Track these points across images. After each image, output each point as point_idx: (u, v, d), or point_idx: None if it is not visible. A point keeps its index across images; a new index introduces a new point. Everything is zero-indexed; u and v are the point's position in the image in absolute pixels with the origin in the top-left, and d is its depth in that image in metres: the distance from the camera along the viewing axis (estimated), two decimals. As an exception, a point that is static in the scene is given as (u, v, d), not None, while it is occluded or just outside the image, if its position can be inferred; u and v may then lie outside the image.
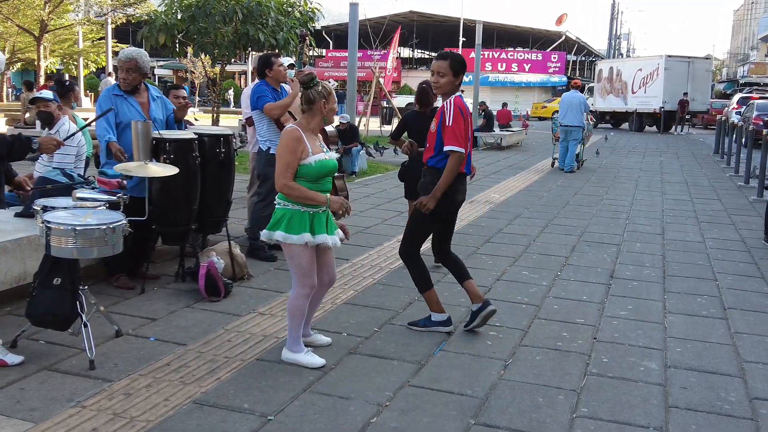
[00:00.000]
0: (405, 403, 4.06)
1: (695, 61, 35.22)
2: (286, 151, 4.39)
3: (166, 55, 27.21)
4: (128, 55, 6.07)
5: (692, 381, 4.53)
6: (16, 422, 3.66)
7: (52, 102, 6.59)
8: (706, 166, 18.77)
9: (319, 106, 4.48)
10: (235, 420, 3.77)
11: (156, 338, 4.91)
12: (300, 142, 4.40)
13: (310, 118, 4.53)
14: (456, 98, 5.05)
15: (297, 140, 4.40)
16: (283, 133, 4.49)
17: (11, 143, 4.15)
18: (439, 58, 5.10)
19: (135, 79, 6.11)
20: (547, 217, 10.30)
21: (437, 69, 5.05)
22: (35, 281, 4.55)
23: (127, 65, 6.04)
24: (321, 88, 4.48)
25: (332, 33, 61.75)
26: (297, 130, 4.44)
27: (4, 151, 4.16)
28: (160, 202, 5.94)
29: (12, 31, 29.93)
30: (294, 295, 4.54)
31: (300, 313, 4.54)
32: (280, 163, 4.40)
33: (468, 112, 5.08)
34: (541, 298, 6.21)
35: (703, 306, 6.16)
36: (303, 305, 4.53)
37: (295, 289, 4.54)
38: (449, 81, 5.03)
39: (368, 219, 9.65)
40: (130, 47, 6.27)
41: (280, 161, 4.41)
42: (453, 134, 4.95)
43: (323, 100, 4.48)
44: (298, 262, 4.46)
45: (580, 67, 72.22)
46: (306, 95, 4.48)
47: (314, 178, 4.44)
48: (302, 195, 4.38)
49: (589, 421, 3.93)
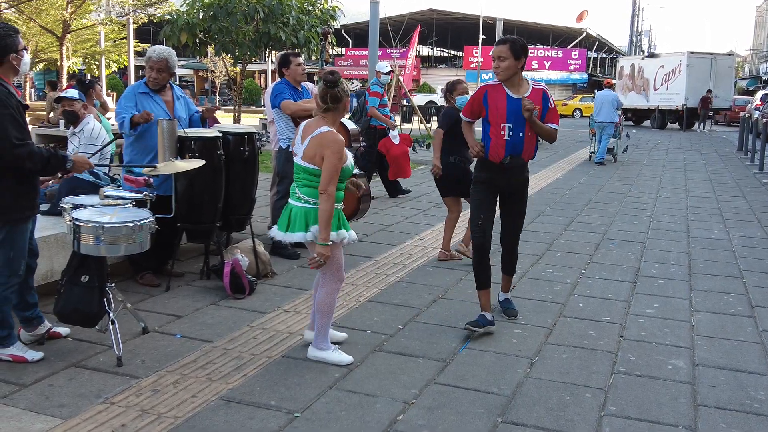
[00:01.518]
0: (431, 400, 4.05)
1: (717, 58, 34.86)
2: (338, 158, 4.30)
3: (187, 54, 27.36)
4: (160, 55, 6.03)
5: (720, 379, 4.49)
6: (46, 418, 3.69)
7: (77, 101, 6.64)
8: (730, 163, 18.58)
9: (344, 104, 4.47)
10: (263, 417, 3.78)
11: (182, 335, 4.93)
12: (344, 147, 4.38)
13: (336, 117, 4.49)
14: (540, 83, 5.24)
15: (343, 144, 4.38)
16: (330, 140, 4.31)
17: (47, 159, 4.21)
18: (499, 42, 5.09)
19: (164, 79, 6.13)
20: (570, 214, 10.25)
21: (497, 54, 5.03)
22: (63, 278, 4.59)
23: (159, 65, 6.03)
24: (345, 86, 4.48)
25: (351, 32, 61.88)
26: (338, 134, 4.39)
27: (40, 166, 4.21)
28: (186, 199, 5.98)
29: (35, 31, 30.18)
30: (327, 292, 4.54)
31: (331, 310, 4.57)
32: (330, 170, 4.26)
33: None
34: (566, 296, 6.17)
35: (730, 304, 6.09)
36: (335, 301, 4.60)
37: (329, 285, 4.54)
38: (512, 64, 5.01)
39: (390, 217, 9.64)
40: (158, 46, 6.24)
41: (330, 168, 4.26)
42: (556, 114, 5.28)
43: (347, 98, 4.49)
44: (336, 259, 4.48)
45: (601, 64, 71.75)
46: (333, 94, 4.39)
47: (344, 179, 4.47)
48: (327, 215, 4.28)
49: (618, 419, 3.90)
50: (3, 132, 4.04)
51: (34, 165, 4.17)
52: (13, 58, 4.22)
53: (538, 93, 5.11)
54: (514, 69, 5.02)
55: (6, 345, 4.36)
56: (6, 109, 4.08)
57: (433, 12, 59.76)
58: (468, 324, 5.09)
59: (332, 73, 4.50)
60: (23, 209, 4.26)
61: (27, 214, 4.30)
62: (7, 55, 4.19)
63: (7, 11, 24.94)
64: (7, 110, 4.08)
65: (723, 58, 36.00)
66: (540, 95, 5.11)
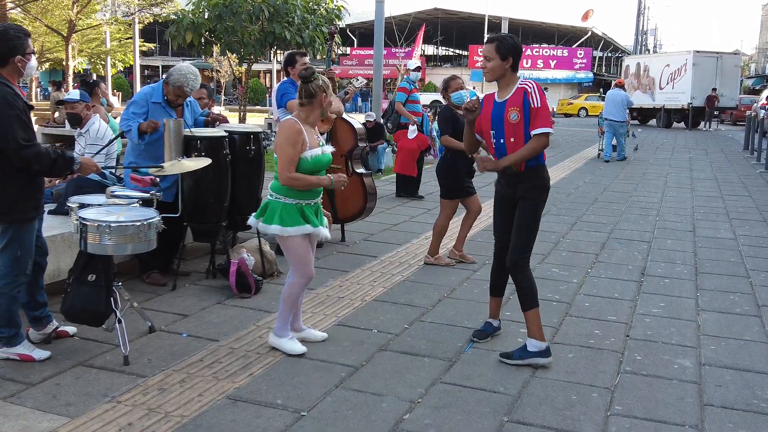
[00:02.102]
0: (437, 400, 4.05)
1: (723, 57, 34.75)
2: (288, 143, 4.47)
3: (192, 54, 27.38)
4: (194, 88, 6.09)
5: (727, 379, 4.48)
6: (53, 417, 3.71)
7: (78, 103, 6.62)
8: (736, 163, 18.54)
9: (319, 100, 4.57)
10: (269, 415, 3.79)
11: (188, 334, 4.94)
12: (300, 135, 4.49)
13: (310, 112, 4.61)
14: (532, 81, 4.66)
15: (298, 132, 4.49)
16: (283, 126, 4.56)
17: (54, 160, 4.22)
18: (486, 41, 4.75)
19: (183, 99, 6.18)
20: (575, 214, 10.23)
21: (483, 54, 4.70)
22: (70, 278, 4.60)
23: (176, 92, 6.02)
24: (321, 82, 4.57)
25: (356, 31, 61.92)
26: (297, 123, 4.53)
27: (47, 167, 4.23)
28: (192, 198, 5.98)
29: (41, 31, 30.26)
30: (291, 283, 4.66)
31: (293, 301, 4.69)
32: (282, 157, 4.48)
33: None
34: (572, 295, 6.17)
35: (737, 303, 6.08)
36: (298, 294, 4.70)
37: (294, 277, 4.66)
38: (498, 65, 4.60)
39: (395, 216, 9.65)
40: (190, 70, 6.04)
41: (282, 155, 4.48)
42: (544, 115, 4.56)
43: (323, 94, 4.58)
44: (296, 252, 4.59)
45: (607, 63, 71.63)
46: (306, 89, 4.55)
47: (309, 173, 4.53)
48: (308, 182, 4.51)
49: (624, 419, 3.90)
50: (10, 133, 4.05)
51: (41, 166, 4.19)
52: (18, 60, 4.22)
53: (519, 93, 4.57)
54: (500, 70, 4.62)
55: (13, 344, 4.38)
56: (12, 110, 4.09)
57: (438, 11, 59.71)
58: (474, 336, 5.04)
59: (306, 68, 4.63)
60: (28, 210, 4.28)
61: (32, 214, 4.32)
62: (12, 57, 4.20)
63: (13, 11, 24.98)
64: (14, 111, 4.10)
65: (729, 57, 35.89)
66: (521, 96, 4.56)
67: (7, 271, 4.27)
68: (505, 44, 4.60)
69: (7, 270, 4.27)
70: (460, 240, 7.28)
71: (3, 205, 4.20)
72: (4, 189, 4.18)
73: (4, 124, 4.06)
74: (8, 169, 4.17)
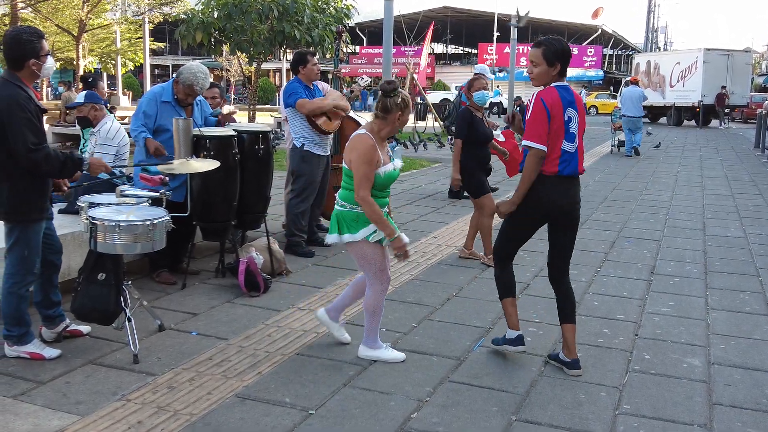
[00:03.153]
0: (445, 398, 4.06)
1: (734, 54, 34.62)
2: (364, 161, 4.27)
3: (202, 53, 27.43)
4: (204, 88, 6.15)
5: (736, 378, 4.47)
6: (63, 415, 3.73)
7: (84, 105, 6.64)
8: (747, 161, 18.46)
9: (394, 117, 4.39)
10: (278, 414, 3.80)
11: (198, 333, 4.96)
12: (375, 151, 4.31)
13: (383, 126, 4.42)
14: (542, 91, 4.36)
15: (373, 149, 4.30)
16: (357, 141, 4.34)
17: (63, 162, 4.25)
18: (534, 45, 4.43)
19: (193, 98, 6.22)
20: (585, 212, 10.19)
21: (530, 58, 4.44)
22: (80, 276, 4.63)
23: (186, 91, 6.07)
24: (400, 100, 4.38)
25: (366, 29, 61.90)
26: (370, 138, 4.34)
27: (56, 170, 4.25)
28: (201, 197, 6.01)
29: (51, 30, 30.37)
30: (372, 293, 4.52)
31: (380, 310, 4.56)
32: (358, 174, 4.27)
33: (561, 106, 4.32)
34: (581, 294, 6.16)
35: (746, 302, 6.06)
36: (382, 301, 4.56)
37: (373, 286, 4.52)
38: (544, 71, 4.37)
39: (404, 215, 9.65)
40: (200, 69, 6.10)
41: (358, 172, 4.27)
42: (529, 128, 4.36)
43: (399, 112, 4.40)
44: (373, 260, 4.44)
45: (617, 61, 71.39)
46: (384, 103, 4.37)
47: (380, 188, 4.40)
48: (374, 217, 4.29)
49: (632, 418, 3.90)
50: (20, 136, 4.09)
51: (50, 168, 4.21)
52: (33, 63, 4.25)
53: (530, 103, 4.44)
54: (546, 76, 4.36)
55: (23, 342, 4.41)
56: (24, 113, 4.12)
57: (447, 9, 59.62)
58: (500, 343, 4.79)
59: (390, 82, 4.46)
60: (33, 210, 4.30)
61: (37, 215, 4.33)
62: (27, 61, 4.23)
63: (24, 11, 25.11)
64: (25, 114, 4.12)
65: (740, 54, 35.74)
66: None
67: (14, 270, 4.31)
68: (552, 49, 4.34)
69: (14, 269, 4.31)
70: (470, 239, 7.27)
71: (9, 206, 4.24)
72: (10, 190, 4.21)
73: (15, 127, 4.09)
74: (14, 171, 4.20)
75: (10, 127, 4.09)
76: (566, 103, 4.35)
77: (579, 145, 4.49)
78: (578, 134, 4.46)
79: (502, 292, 4.73)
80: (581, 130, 4.48)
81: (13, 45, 4.21)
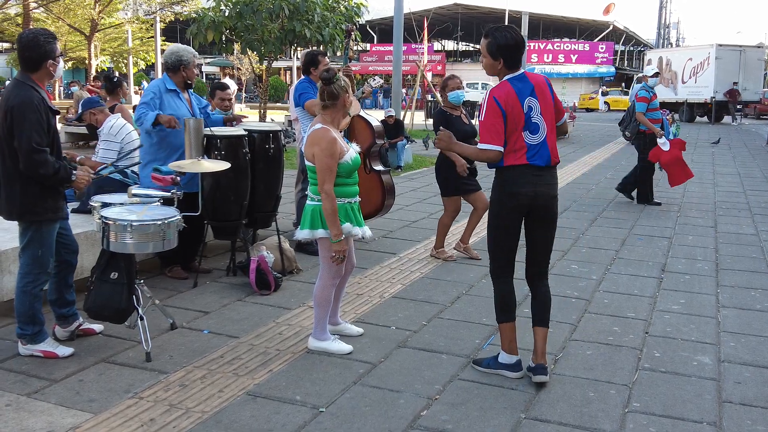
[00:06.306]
0: (454, 396, 4.08)
1: (747, 50, 34.42)
2: (327, 155, 4.34)
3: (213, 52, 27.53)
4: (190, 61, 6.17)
5: (746, 376, 4.46)
6: (76, 413, 3.77)
7: (84, 113, 6.68)
8: (759, 157, 18.35)
9: (342, 101, 4.49)
10: (288, 411, 3.83)
11: (209, 331, 5.00)
12: (337, 143, 4.39)
13: (334, 114, 4.53)
14: (494, 88, 4.17)
15: (334, 141, 4.38)
16: (318, 137, 4.40)
17: (57, 170, 4.28)
18: (483, 35, 4.24)
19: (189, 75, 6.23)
20: (596, 210, 10.20)
21: (480, 47, 4.27)
22: (92, 275, 4.68)
23: (183, 69, 6.12)
24: (342, 82, 4.49)
25: (376, 27, 61.83)
26: (329, 130, 4.42)
27: (49, 175, 4.27)
28: (212, 197, 6.05)
29: (63, 30, 30.57)
30: (322, 285, 4.63)
31: (327, 302, 4.66)
32: (322, 169, 4.35)
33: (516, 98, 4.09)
34: (591, 292, 6.16)
35: (757, 300, 6.04)
36: (330, 294, 4.66)
37: (323, 279, 4.62)
38: (489, 64, 4.20)
39: (414, 213, 9.67)
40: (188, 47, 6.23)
41: (322, 167, 4.35)
42: (483, 129, 4.16)
43: (346, 94, 4.50)
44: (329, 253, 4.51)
45: (629, 57, 71.04)
46: (329, 90, 4.45)
47: (347, 175, 4.49)
48: (329, 213, 4.35)
49: (642, 415, 3.90)
50: (26, 134, 4.14)
51: (45, 171, 4.23)
52: (50, 64, 4.34)
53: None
54: (492, 70, 4.21)
55: (37, 341, 4.46)
56: (34, 113, 4.17)
57: (458, 6, 59.49)
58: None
59: (327, 70, 4.54)
60: (47, 211, 4.34)
61: (50, 215, 4.37)
62: (45, 62, 4.31)
63: (36, 11, 25.26)
64: (35, 115, 4.18)
65: (752, 50, 35.54)
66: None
67: (28, 269, 4.36)
68: (496, 43, 4.12)
69: (28, 268, 4.36)
70: (467, 233, 7.27)
71: (22, 206, 4.28)
72: (23, 190, 4.26)
73: (24, 126, 4.14)
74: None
75: (20, 127, 4.14)
76: (522, 94, 4.12)
77: (549, 134, 4.22)
78: (546, 121, 4.19)
79: (501, 316, 4.38)
80: (550, 117, 4.22)
81: (33, 46, 4.28)
